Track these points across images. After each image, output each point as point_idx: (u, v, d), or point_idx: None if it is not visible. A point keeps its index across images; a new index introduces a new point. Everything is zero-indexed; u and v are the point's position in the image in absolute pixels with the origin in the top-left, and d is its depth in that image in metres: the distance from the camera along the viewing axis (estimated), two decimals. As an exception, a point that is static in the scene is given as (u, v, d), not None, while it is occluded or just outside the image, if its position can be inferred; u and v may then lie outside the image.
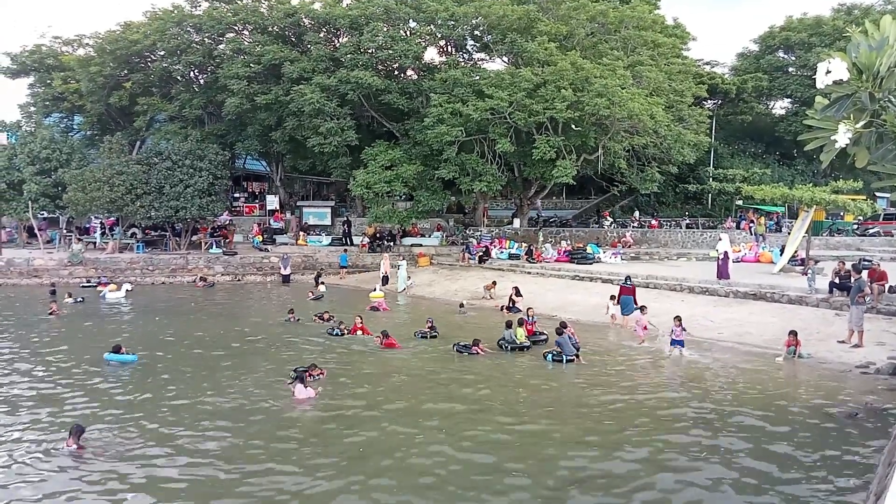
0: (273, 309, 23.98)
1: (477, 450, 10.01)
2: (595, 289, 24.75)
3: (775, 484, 8.79)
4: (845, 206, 26.87)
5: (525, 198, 36.80)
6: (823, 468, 9.32)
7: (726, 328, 18.39)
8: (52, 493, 8.60)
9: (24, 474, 9.17)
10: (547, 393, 13.24)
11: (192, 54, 35.26)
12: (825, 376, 14.24)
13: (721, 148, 42.89)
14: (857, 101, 5.65)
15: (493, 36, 33.79)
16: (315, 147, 33.02)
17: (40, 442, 10.30)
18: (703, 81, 39.03)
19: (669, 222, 39.45)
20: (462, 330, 19.03)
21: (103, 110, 38.61)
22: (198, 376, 14.32)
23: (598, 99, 28.58)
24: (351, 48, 33.03)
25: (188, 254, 33.28)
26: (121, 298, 25.90)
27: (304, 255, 33.87)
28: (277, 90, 33.11)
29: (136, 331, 19.51)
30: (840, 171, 36.31)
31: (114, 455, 9.77)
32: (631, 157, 33.59)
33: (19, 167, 34.34)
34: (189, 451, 10.01)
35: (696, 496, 8.49)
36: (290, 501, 8.47)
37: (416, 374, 14.58)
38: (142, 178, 32.15)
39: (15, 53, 39.92)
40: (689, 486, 8.75)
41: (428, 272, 30.81)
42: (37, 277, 29.92)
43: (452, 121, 30.14)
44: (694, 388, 13.32)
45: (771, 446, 10.10)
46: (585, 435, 10.69)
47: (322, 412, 11.89)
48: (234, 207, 41.83)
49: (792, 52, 44.61)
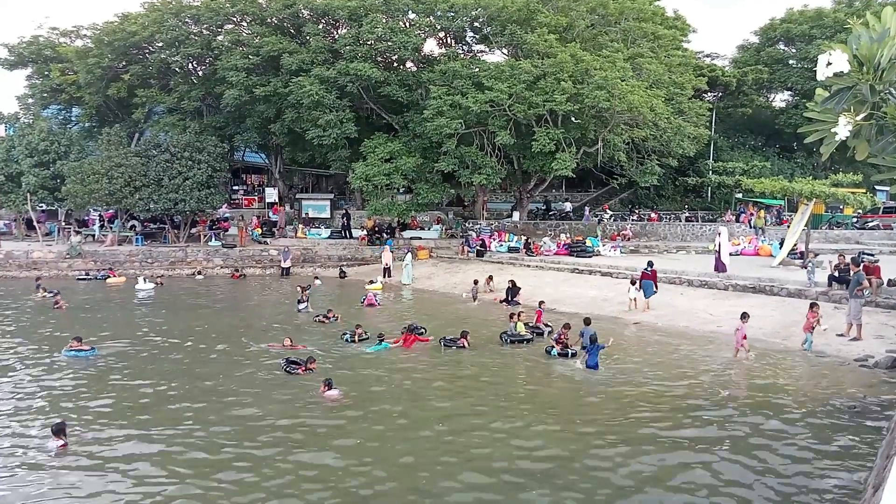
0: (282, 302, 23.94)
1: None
2: (594, 282, 24.75)
3: (772, 476, 8.80)
4: (845, 199, 26.82)
5: (524, 191, 36.74)
6: (821, 461, 9.32)
7: (726, 321, 18.36)
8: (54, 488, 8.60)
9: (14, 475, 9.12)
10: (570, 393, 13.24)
11: (191, 46, 35.12)
12: (824, 369, 14.25)
13: (721, 141, 42.82)
14: (857, 94, 5.60)
15: (493, 27, 33.66)
16: (314, 139, 32.94)
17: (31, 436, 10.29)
18: (703, 74, 38.92)
19: (669, 215, 39.41)
20: (465, 324, 18.80)
21: (101, 102, 38.49)
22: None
23: (597, 91, 28.50)
24: (350, 40, 32.90)
25: (187, 246, 33.27)
26: (150, 291, 25.78)
27: (304, 248, 33.85)
28: (276, 82, 33.00)
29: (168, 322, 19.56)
30: (840, 164, 36.30)
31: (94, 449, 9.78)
32: (631, 149, 33.53)
33: (17, 159, 34.31)
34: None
35: (687, 491, 8.50)
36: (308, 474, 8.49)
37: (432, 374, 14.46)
38: (140, 171, 32.07)
39: (12, 44, 39.80)
40: (681, 483, 8.76)
41: (427, 265, 30.79)
42: (36, 270, 29.89)
43: (452, 113, 30.05)
44: (692, 381, 13.33)
45: (767, 440, 10.10)
46: (584, 431, 10.70)
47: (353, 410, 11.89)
48: (234, 200, 41.80)
49: (793, 44, 44.49)
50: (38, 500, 8.27)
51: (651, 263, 21.38)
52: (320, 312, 20.18)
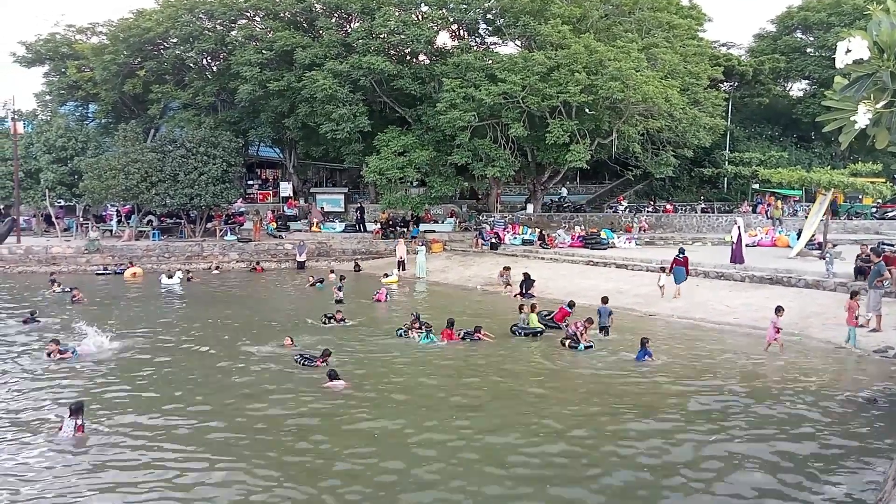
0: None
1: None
2: (609, 274, 24.66)
3: (789, 465, 8.75)
4: (864, 188, 26.51)
5: (538, 183, 36.60)
6: (840, 452, 9.25)
7: (742, 313, 18.27)
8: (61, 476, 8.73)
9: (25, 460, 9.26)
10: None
11: (205, 41, 35.27)
12: (842, 361, 14.11)
13: (737, 131, 42.41)
14: (877, 81, 5.51)
15: (506, 19, 33.46)
16: (328, 133, 33.01)
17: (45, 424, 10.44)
18: (718, 63, 38.52)
19: (684, 207, 39.14)
20: (479, 318, 18.78)
21: (117, 98, 38.80)
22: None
23: (612, 82, 28.29)
24: (363, 33, 32.87)
25: (203, 241, 33.53)
26: (174, 285, 25.99)
27: (318, 242, 33.98)
28: (290, 76, 33.07)
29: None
30: (859, 154, 35.82)
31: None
32: (645, 140, 33.29)
33: (36, 156, 34.72)
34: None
35: (704, 486, 8.47)
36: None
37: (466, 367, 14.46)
38: (156, 166, 32.33)
39: (30, 42, 40.20)
40: (697, 476, 8.73)
41: (441, 258, 30.82)
42: (55, 265, 30.27)
43: (465, 105, 29.96)
44: (707, 374, 13.26)
45: (785, 430, 10.03)
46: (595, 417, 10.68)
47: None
48: (248, 195, 42.03)
49: (810, 32, 43.90)
50: (59, 487, 8.39)
51: (682, 250, 21.54)
52: (327, 313, 19.07)
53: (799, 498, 8.00)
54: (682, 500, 8.05)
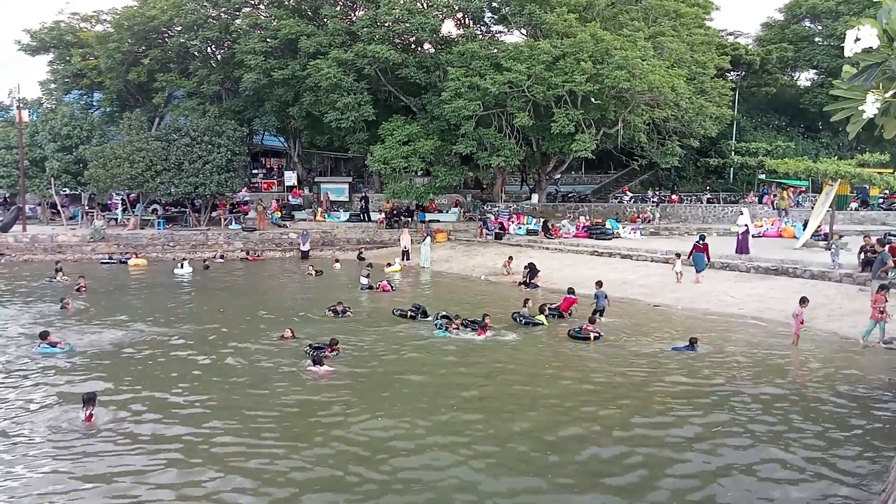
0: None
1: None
2: (614, 264, 24.60)
3: (794, 457, 8.74)
4: (871, 179, 26.32)
5: (543, 173, 36.48)
6: (843, 444, 9.22)
7: (747, 304, 18.22)
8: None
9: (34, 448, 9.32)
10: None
11: (209, 29, 35.19)
12: (847, 352, 14.07)
13: (744, 121, 42.12)
14: (886, 70, 5.46)
15: (511, 7, 33.24)
16: (332, 122, 32.94)
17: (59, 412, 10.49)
18: (725, 52, 38.21)
19: (690, 197, 38.97)
20: (483, 308, 18.76)
21: (122, 87, 38.79)
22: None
23: (618, 71, 28.12)
24: (367, 22, 32.72)
25: (208, 230, 33.61)
26: (186, 275, 25.96)
27: (323, 232, 34.00)
28: (294, 65, 32.98)
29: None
30: (867, 144, 35.55)
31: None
32: (651, 130, 33.12)
33: (41, 144, 34.79)
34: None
35: (710, 480, 8.48)
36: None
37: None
38: (161, 155, 32.36)
39: (34, 30, 40.16)
40: (705, 469, 8.74)
41: (445, 248, 30.80)
42: (60, 253, 30.38)
43: (470, 95, 29.83)
44: (714, 366, 13.23)
45: (790, 422, 10.02)
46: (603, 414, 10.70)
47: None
48: (253, 184, 42.04)
49: (819, 20, 43.49)
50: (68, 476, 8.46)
51: (703, 237, 21.66)
52: (330, 305, 18.76)
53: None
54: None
